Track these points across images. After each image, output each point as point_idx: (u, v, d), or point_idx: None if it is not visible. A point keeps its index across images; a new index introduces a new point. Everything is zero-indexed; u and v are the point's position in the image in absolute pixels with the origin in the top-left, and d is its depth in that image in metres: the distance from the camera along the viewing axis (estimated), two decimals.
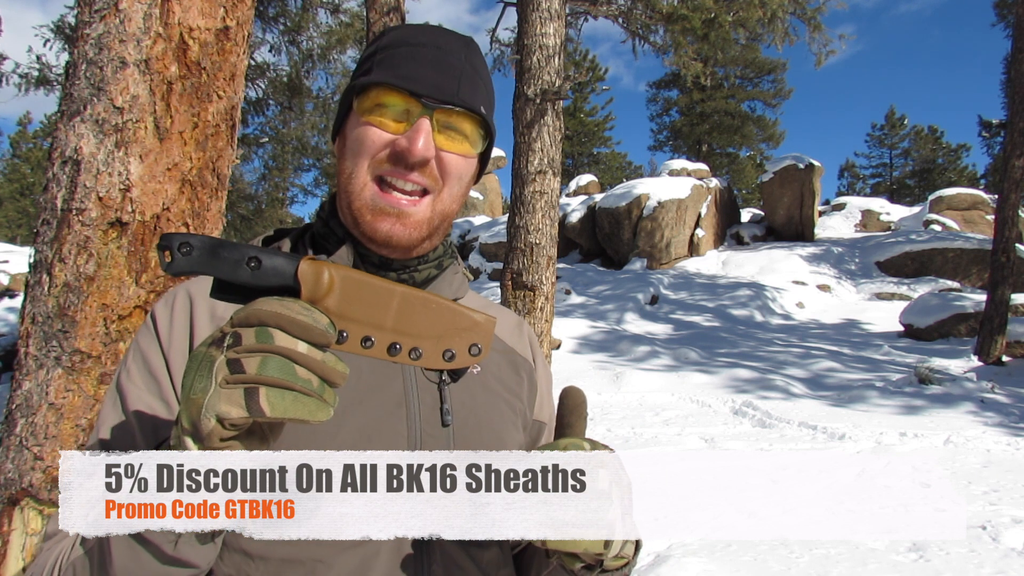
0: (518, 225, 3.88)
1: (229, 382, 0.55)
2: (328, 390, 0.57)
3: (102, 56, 1.46)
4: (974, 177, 42.74)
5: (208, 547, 0.64)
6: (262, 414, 0.54)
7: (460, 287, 0.95)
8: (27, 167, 37.30)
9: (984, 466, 5.99)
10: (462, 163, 0.83)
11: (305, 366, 0.55)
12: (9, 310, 12.97)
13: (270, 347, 0.54)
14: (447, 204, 0.83)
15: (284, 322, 0.55)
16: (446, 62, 0.81)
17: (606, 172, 39.65)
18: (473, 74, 0.82)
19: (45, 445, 1.41)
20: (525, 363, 0.97)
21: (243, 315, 0.56)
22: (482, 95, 0.83)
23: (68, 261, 1.43)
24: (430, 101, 0.78)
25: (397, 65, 0.80)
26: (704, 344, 13.11)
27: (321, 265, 0.60)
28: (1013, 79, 12.32)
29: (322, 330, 0.56)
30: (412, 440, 0.81)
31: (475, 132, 0.83)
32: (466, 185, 0.86)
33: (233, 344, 0.56)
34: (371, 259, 0.84)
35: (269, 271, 0.59)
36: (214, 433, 0.55)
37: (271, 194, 16.06)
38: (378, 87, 0.79)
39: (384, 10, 5.16)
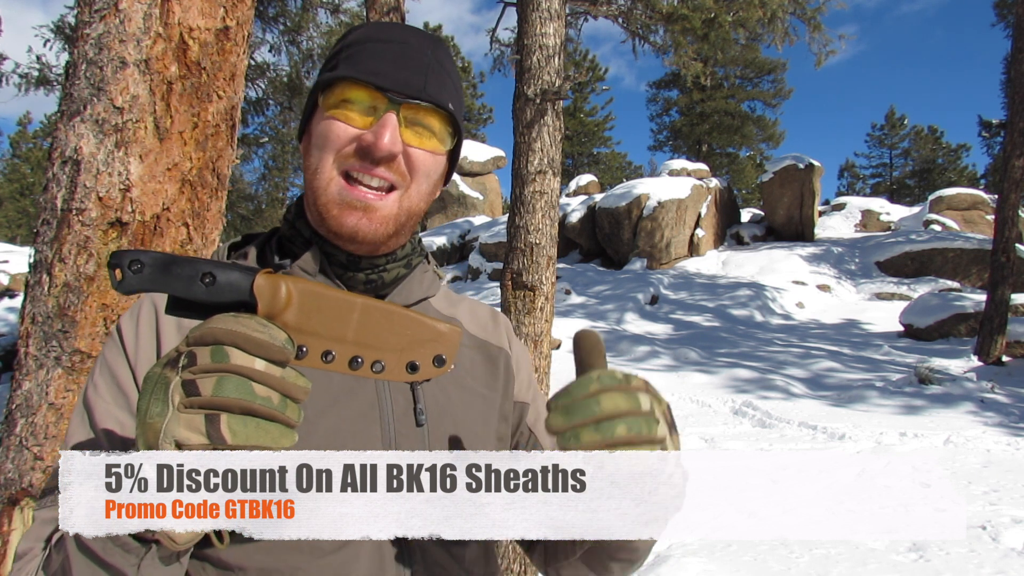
0: (518, 225, 3.88)
1: (187, 405, 0.53)
2: (291, 406, 0.55)
3: (102, 56, 1.46)
4: (974, 177, 42.74)
5: (172, 568, 0.62)
6: (223, 442, 0.53)
7: (431, 286, 0.93)
8: (27, 167, 37.29)
9: (984, 466, 5.99)
10: (430, 160, 0.81)
11: (263, 383, 0.54)
12: (9, 310, 12.97)
13: (226, 366, 0.53)
14: (414, 201, 0.81)
15: (240, 340, 0.53)
16: (412, 58, 0.79)
17: (606, 172, 39.65)
18: (440, 70, 0.81)
19: (45, 445, 1.41)
20: (501, 352, 0.95)
21: (197, 334, 0.54)
22: (450, 92, 0.81)
23: (68, 261, 1.43)
24: (396, 96, 0.76)
25: (363, 61, 0.78)
26: (704, 344, 13.11)
27: (278, 279, 0.58)
28: (1013, 79, 12.32)
29: (280, 346, 0.54)
30: (386, 441, 0.79)
31: (443, 129, 0.81)
32: (434, 184, 0.84)
33: (188, 364, 0.54)
34: (338, 259, 0.82)
35: (224, 287, 0.57)
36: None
37: (271, 194, 16.07)
38: (343, 82, 0.78)
39: (384, 10, 5.15)
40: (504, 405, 0.93)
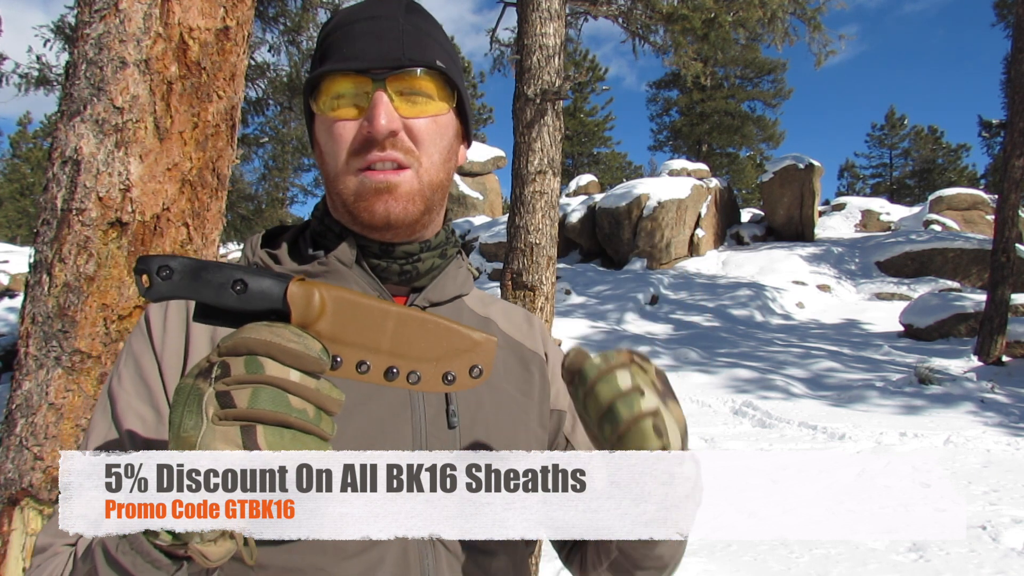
0: (518, 225, 3.88)
1: (221, 417, 0.52)
2: (325, 418, 0.54)
3: (102, 56, 1.46)
4: (974, 177, 42.73)
5: None
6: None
7: (465, 283, 0.91)
8: (27, 167, 37.28)
9: (984, 466, 5.99)
10: (432, 126, 0.78)
11: (299, 395, 0.53)
12: (9, 310, 12.97)
13: (261, 377, 0.52)
14: (432, 173, 0.79)
15: (275, 350, 0.52)
16: (383, 29, 0.77)
17: (606, 172, 39.64)
18: (416, 32, 0.78)
19: (45, 445, 1.41)
20: (535, 356, 0.93)
21: (230, 344, 0.53)
22: (434, 50, 0.78)
23: (68, 261, 1.43)
24: (378, 72, 0.74)
25: (337, 50, 0.76)
26: (704, 344, 13.11)
27: (311, 286, 0.57)
28: (1013, 79, 12.32)
29: (315, 357, 0.53)
30: (417, 443, 0.78)
31: (438, 89, 0.78)
32: (448, 148, 0.81)
33: (222, 375, 0.52)
34: (372, 250, 0.81)
35: (256, 294, 0.55)
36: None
37: (271, 194, 16.06)
38: (326, 78, 0.76)
39: None
40: (542, 411, 0.91)
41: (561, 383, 0.95)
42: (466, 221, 24.35)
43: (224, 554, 0.58)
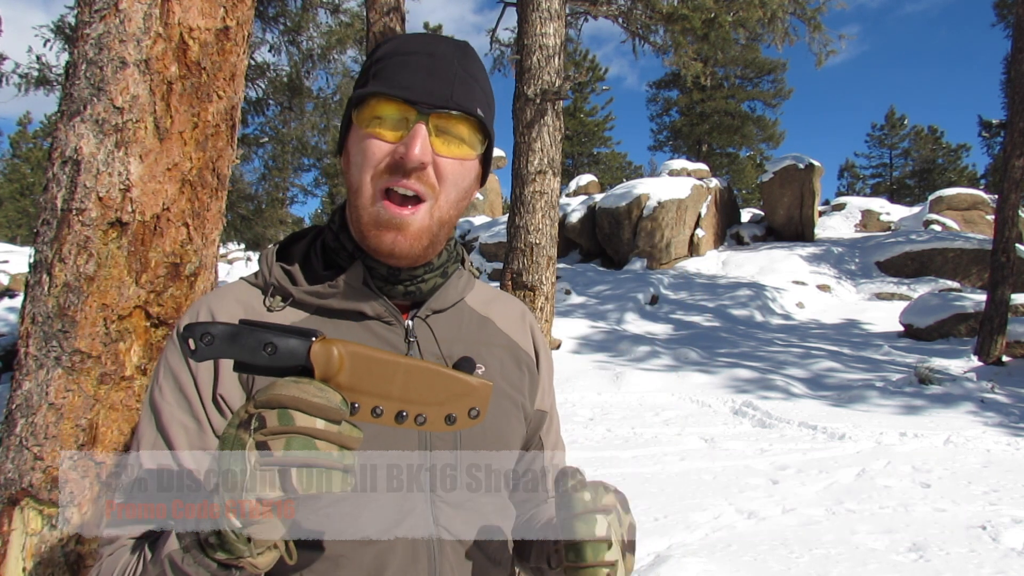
0: (518, 225, 3.88)
1: (262, 464, 0.61)
2: (347, 454, 0.64)
3: (102, 56, 1.46)
4: (974, 177, 42.73)
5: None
6: (295, 492, 0.62)
7: (466, 287, 0.99)
8: (27, 167, 37.28)
9: (984, 466, 5.99)
10: (459, 167, 0.84)
11: (324, 439, 0.62)
12: (9, 310, 12.97)
13: (292, 428, 0.61)
14: (445, 211, 0.85)
15: (302, 404, 0.62)
16: (439, 68, 0.82)
17: (606, 172, 39.64)
18: (467, 78, 0.84)
19: (45, 445, 1.41)
20: (526, 356, 1.01)
21: (264, 399, 0.63)
22: (479, 98, 0.85)
23: (68, 261, 1.44)
24: (424, 107, 0.80)
25: (391, 75, 0.82)
26: (704, 344, 13.11)
27: (331, 344, 0.66)
28: (1013, 79, 12.32)
29: (336, 408, 0.63)
30: (422, 442, 0.87)
31: (473, 135, 0.85)
32: (464, 190, 0.88)
33: (259, 427, 0.62)
34: (379, 271, 0.88)
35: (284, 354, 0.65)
36: (255, 511, 0.63)
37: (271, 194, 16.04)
38: (374, 98, 0.82)
39: (384, 10, 5.15)
40: (528, 410, 1.00)
41: (547, 383, 1.04)
42: (466, 221, 24.36)
43: (270, 562, 0.69)
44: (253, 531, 0.64)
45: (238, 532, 0.64)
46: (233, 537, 0.65)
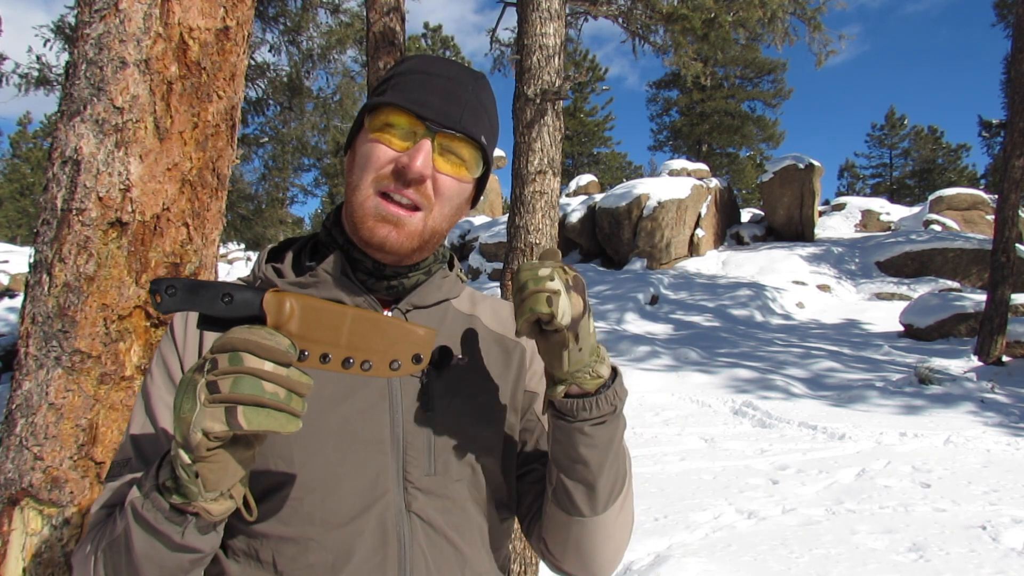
0: (518, 225, 3.88)
1: (211, 401, 0.65)
2: (295, 399, 0.67)
3: (102, 56, 1.46)
4: (974, 177, 42.73)
5: (210, 536, 0.75)
6: (240, 427, 0.64)
7: (452, 289, 1.02)
8: (27, 167, 37.28)
9: (984, 466, 5.99)
10: (455, 186, 0.90)
11: (271, 381, 0.65)
12: (9, 310, 12.97)
13: (240, 368, 0.65)
14: (437, 222, 0.91)
15: (251, 346, 0.65)
16: (454, 92, 0.89)
17: (606, 172, 39.64)
18: (478, 106, 0.90)
19: (45, 445, 1.41)
20: (517, 345, 1.04)
21: (219, 344, 0.67)
22: (484, 126, 0.91)
23: (68, 261, 1.44)
24: (434, 125, 0.86)
25: (409, 90, 0.88)
26: (704, 344, 13.11)
27: (283, 296, 0.71)
28: (1013, 79, 12.32)
29: (284, 350, 0.66)
30: (394, 429, 0.89)
31: (473, 159, 0.91)
32: (458, 207, 0.93)
33: (211, 368, 0.66)
34: (364, 265, 0.92)
35: (240, 304, 0.70)
36: (201, 445, 0.66)
37: (271, 194, 16.04)
38: (388, 107, 0.87)
39: (384, 10, 5.15)
40: (516, 395, 1.01)
41: (537, 369, 1.05)
42: (466, 221, 24.35)
43: (224, 511, 0.72)
44: (201, 468, 0.67)
45: (188, 470, 0.67)
46: (185, 477, 0.68)
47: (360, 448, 0.86)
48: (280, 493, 0.84)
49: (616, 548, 0.97)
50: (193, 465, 0.67)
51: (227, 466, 0.68)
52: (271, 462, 0.84)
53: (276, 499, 0.84)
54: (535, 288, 0.78)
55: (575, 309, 0.80)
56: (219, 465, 0.68)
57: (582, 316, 0.81)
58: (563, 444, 0.88)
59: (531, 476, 1.02)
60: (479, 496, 0.93)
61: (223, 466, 0.68)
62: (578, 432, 0.86)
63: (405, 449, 0.88)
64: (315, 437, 0.85)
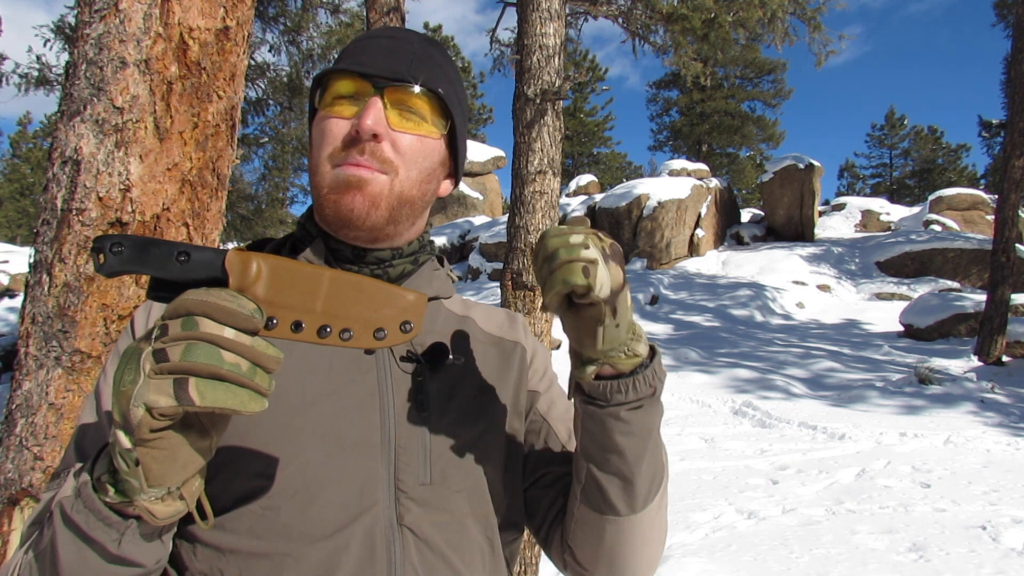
0: (518, 225, 3.88)
1: (157, 372, 0.54)
2: (260, 373, 0.56)
3: (102, 56, 1.46)
4: (974, 177, 42.73)
5: (154, 545, 0.64)
6: (191, 403, 0.53)
7: (443, 287, 0.94)
8: (27, 167, 37.27)
9: (984, 466, 5.98)
10: (418, 144, 0.81)
11: (232, 351, 0.54)
12: (9, 310, 12.97)
13: (194, 334, 0.54)
14: (405, 187, 0.81)
15: (209, 309, 0.54)
16: (397, 48, 0.82)
17: (606, 172, 39.63)
18: (427, 58, 0.83)
19: (45, 445, 1.41)
20: (516, 346, 0.96)
21: (171, 308, 0.56)
22: (439, 78, 0.83)
23: (68, 261, 1.43)
24: (380, 80, 0.78)
25: (349, 56, 0.81)
26: (704, 344, 13.10)
27: (249, 255, 0.60)
28: (1013, 79, 12.32)
29: (247, 315, 0.55)
30: (386, 432, 0.78)
31: (433, 114, 0.82)
32: (428, 171, 0.83)
33: (160, 335, 0.55)
34: (344, 253, 0.84)
35: (198, 264, 0.59)
36: (143, 423, 0.54)
37: (271, 194, 16.04)
38: (332, 78, 0.81)
39: (384, 10, 5.15)
40: (517, 393, 0.92)
41: (539, 366, 0.98)
42: (466, 221, 24.34)
43: (171, 513, 0.60)
44: (143, 454, 0.55)
45: (127, 457, 0.56)
46: (124, 467, 0.56)
47: (347, 452, 0.76)
48: (253, 501, 0.72)
49: (653, 554, 0.87)
50: (133, 451, 0.55)
51: (175, 454, 0.56)
52: (243, 464, 0.73)
53: (248, 508, 0.72)
54: (568, 257, 0.68)
55: (615, 280, 0.71)
56: (165, 452, 0.56)
57: (621, 288, 0.72)
58: (595, 433, 0.78)
59: (543, 480, 0.91)
60: (481, 511, 0.82)
61: (170, 454, 0.56)
62: (613, 418, 0.76)
63: (397, 454, 0.78)
64: (296, 437, 0.74)
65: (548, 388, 0.97)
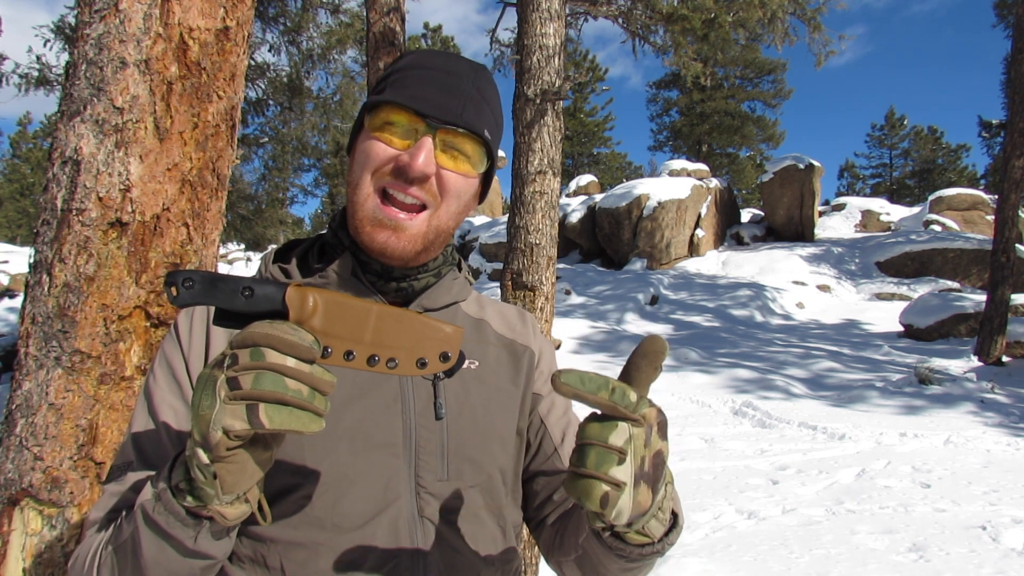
0: (518, 225, 3.88)
1: (231, 398, 0.62)
2: (318, 397, 0.63)
3: (102, 56, 1.46)
4: (974, 177, 42.73)
5: (223, 541, 0.73)
6: (262, 426, 0.61)
7: (460, 291, 0.99)
8: (27, 167, 37.28)
9: (984, 466, 5.98)
10: (461, 182, 0.87)
11: (294, 378, 0.62)
12: (9, 310, 12.97)
13: (262, 364, 0.61)
14: (443, 220, 0.87)
15: (274, 341, 0.62)
16: (454, 85, 0.85)
17: (606, 172, 39.64)
18: (479, 99, 0.87)
19: (45, 445, 1.41)
20: (526, 349, 1.01)
21: (239, 338, 0.63)
22: (487, 120, 0.88)
23: (68, 261, 1.44)
24: (434, 121, 0.83)
25: (407, 86, 0.85)
26: (704, 344, 13.11)
27: (306, 291, 0.68)
28: (1013, 79, 12.32)
29: (307, 347, 0.63)
30: (407, 433, 0.86)
31: (477, 153, 0.87)
32: (465, 204, 0.90)
33: (231, 364, 0.63)
34: (373, 267, 0.90)
35: (261, 298, 0.67)
36: (221, 444, 0.62)
37: (271, 194, 16.05)
38: (387, 105, 0.84)
39: (384, 10, 5.15)
40: (524, 400, 0.98)
41: (544, 371, 1.03)
42: (466, 221, 24.33)
43: (239, 515, 0.69)
44: (220, 469, 0.64)
45: (205, 471, 0.64)
46: (201, 478, 0.64)
47: (372, 451, 0.84)
48: (290, 496, 0.81)
49: None
50: (211, 465, 0.64)
51: (245, 467, 0.65)
52: (281, 464, 0.81)
53: (286, 502, 0.81)
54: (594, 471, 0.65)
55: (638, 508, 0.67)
56: (238, 466, 0.64)
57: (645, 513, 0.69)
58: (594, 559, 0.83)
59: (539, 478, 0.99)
60: (493, 504, 0.91)
61: (241, 467, 0.65)
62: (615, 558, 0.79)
63: (418, 453, 0.86)
64: (327, 439, 0.82)
65: (551, 391, 1.03)
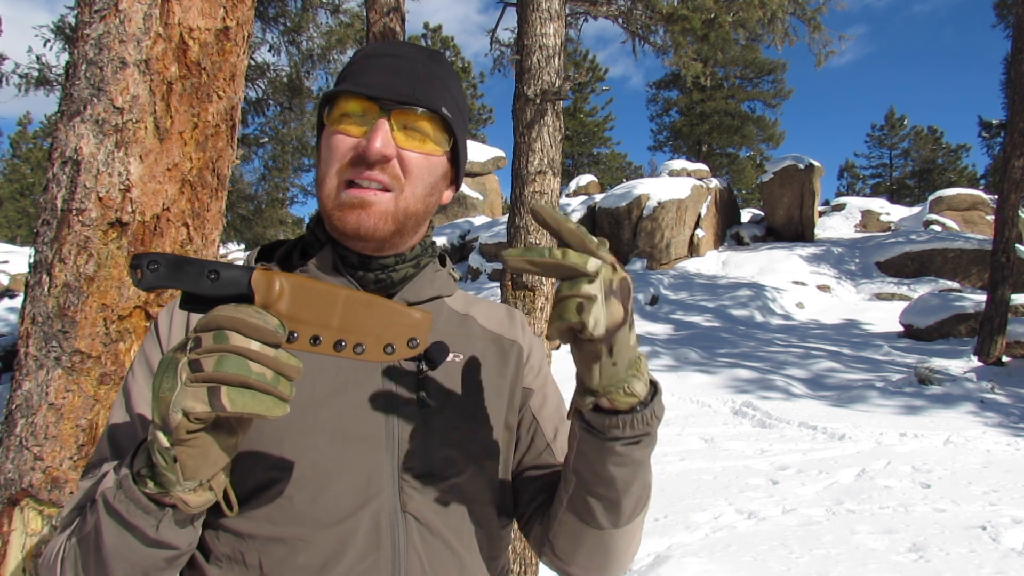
0: (518, 225, 3.88)
1: (193, 380, 0.61)
2: (283, 382, 0.63)
3: (102, 56, 1.46)
4: (974, 177, 42.73)
5: (187, 530, 0.72)
6: (223, 409, 0.60)
7: (444, 286, 0.99)
8: (27, 167, 37.28)
9: (984, 466, 5.99)
10: (424, 161, 0.87)
11: (258, 362, 0.62)
12: (9, 310, 12.97)
13: (225, 347, 0.61)
14: (410, 202, 0.87)
15: (238, 324, 0.62)
16: (403, 68, 0.86)
17: (606, 172, 39.64)
18: (431, 78, 0.87)
19: (45, 445, 1.41)
20: (514, 344, 1.00)
21: (203, 322, 0.63)
22: (443, 98, 0.87)
23: (68, 261, 1.43)
24: (388, 103, 0.83)
25: (357, 75, 0.86)
26: (704, 344, 13.10)
27: (273, 274, 0.67)
28: (1013, 79, 12.32)
29: (272, 330, 0.62)
30: (389, 426, 0.85)
31: (437, 132, 0.87)
32: (432, 185, 0.89)
33: (194, 347, 0.62)
34: (351, 260, 0.89)
35: (226, 281, 0.66)
36: (180, 426, 0.62)
37: (271, 194, 16.05)
38: (341, 97, 0.85)
39: (384, 10, 5.15)
40: (514, 394, 0.97)
41: (535, 364, 1.03)
42: (466, 221, 24.34)
43: (202, 503, 0.69)
44: (180, 452, 0.63)
45: (165, 455, 0.63)
46: (162, 463, 0.64)
47: (354, 445, 0.82)
48: (269, 491, 0.80)
49: (631, 553, 0.93)
50: (171, 449, 0.63)
51: (208, 452, 0.64)
52: (260, 458, 0.80)
53: (265, 497, 0.80)
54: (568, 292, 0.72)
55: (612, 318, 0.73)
56: (199, 450, 0.64)
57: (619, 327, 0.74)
58: (588, 457, 0.83)
59: (526, 474, 0.98)
60: (479, 498, 0.89)
61: (203, 452, 0.64)
62: (608, 452, 0.80)
63: (400, 447, 0.84)
64: (307, 432, 0.81)
65: (542, 385, 1.03)
